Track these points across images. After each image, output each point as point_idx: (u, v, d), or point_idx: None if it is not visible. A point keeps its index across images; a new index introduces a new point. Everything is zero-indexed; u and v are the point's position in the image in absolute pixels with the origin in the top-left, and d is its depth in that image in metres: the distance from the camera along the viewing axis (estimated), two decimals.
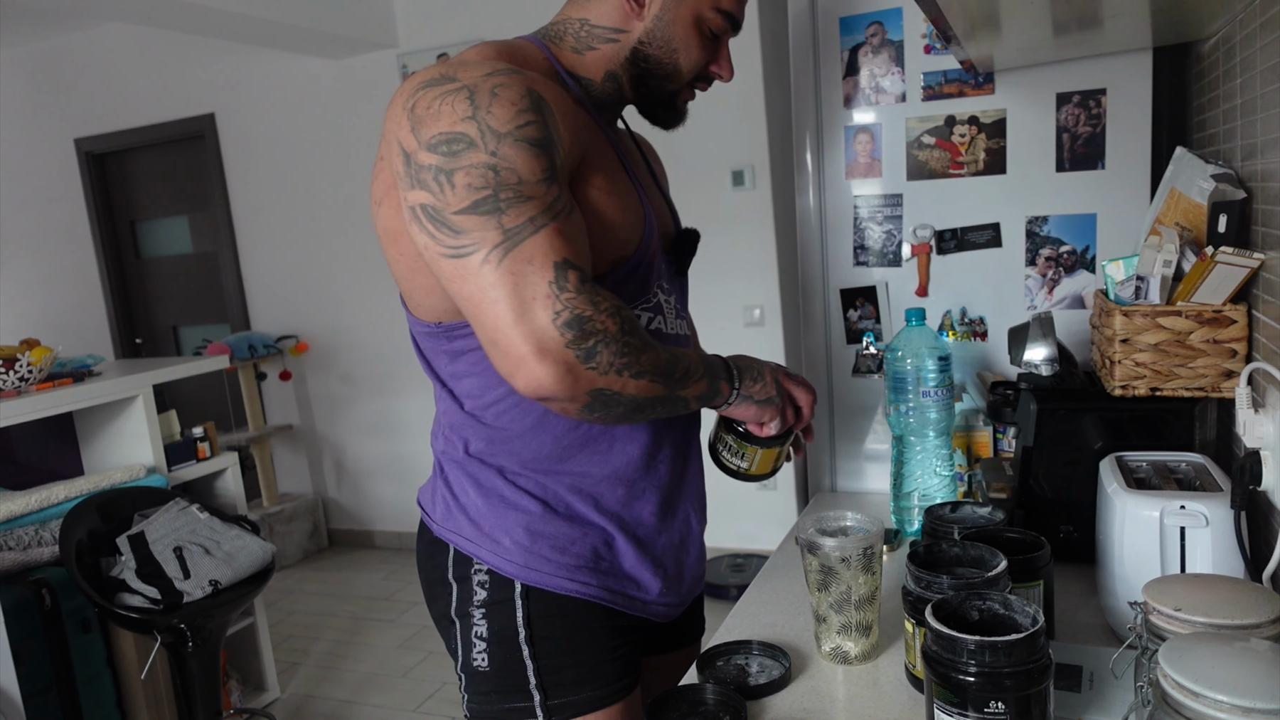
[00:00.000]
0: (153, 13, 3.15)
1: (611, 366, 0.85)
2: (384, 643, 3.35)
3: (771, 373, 1.06)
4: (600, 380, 0.86)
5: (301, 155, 4.22)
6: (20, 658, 2.03)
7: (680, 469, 1.10)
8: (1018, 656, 0.71)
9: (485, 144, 0.83)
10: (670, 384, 0.92)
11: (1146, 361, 1.10)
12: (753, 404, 1.03)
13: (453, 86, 0.85)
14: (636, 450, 1.04)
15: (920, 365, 1.29)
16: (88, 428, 2.62)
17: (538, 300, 0.82)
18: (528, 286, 0.82)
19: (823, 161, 1.63)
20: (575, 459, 1.02)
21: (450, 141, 0.83)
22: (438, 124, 0.84)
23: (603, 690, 1.03)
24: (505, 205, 0.83)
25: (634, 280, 0.99)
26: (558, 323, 0.82)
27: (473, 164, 0.83)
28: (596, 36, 1.01)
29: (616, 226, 0.96)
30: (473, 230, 0.83)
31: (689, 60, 1.02)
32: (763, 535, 3.57)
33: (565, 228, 0.85)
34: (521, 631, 1.01)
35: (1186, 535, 0.94)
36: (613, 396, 0.88)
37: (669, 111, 1.07)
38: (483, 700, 1.04)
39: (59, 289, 5.02)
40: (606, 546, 1.04)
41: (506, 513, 1.02)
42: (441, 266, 0.85)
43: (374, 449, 4.39)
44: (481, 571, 1.03)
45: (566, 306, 0.83)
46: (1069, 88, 1.47)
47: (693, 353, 0.98)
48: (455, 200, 0.83)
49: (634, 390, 0.88)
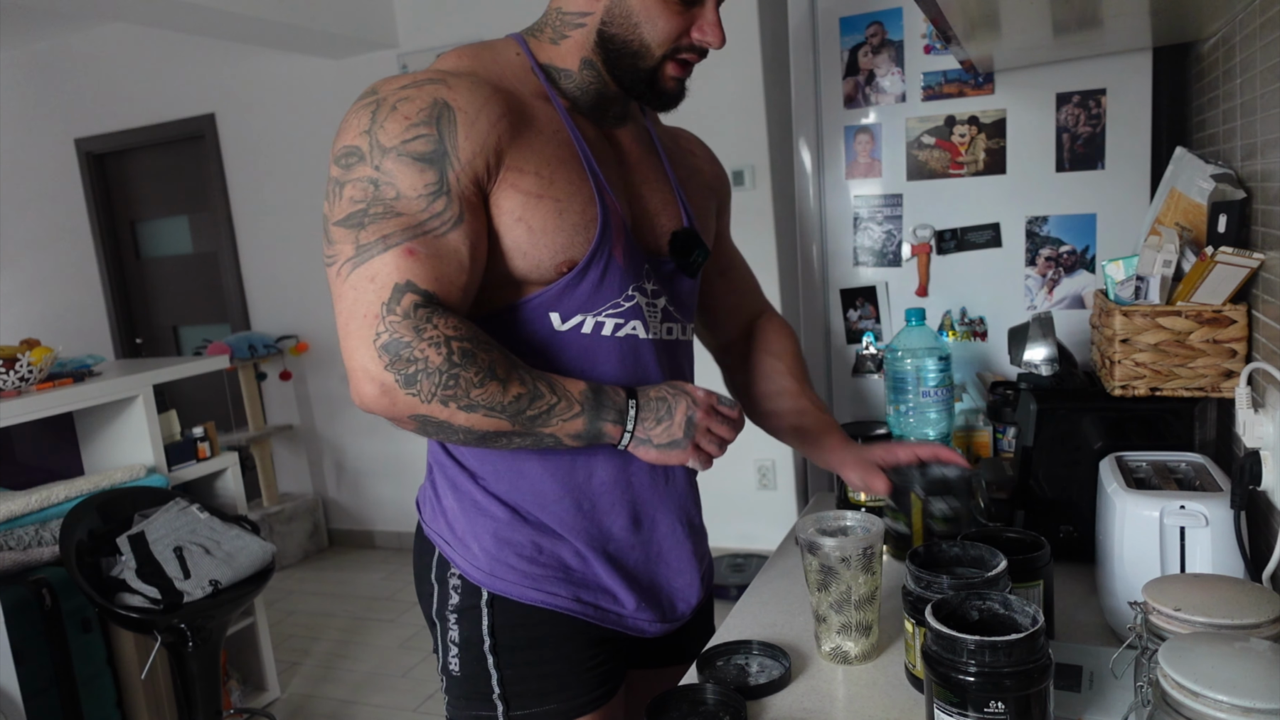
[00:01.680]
0: (153, 13, 3.15)
1: (434, 396, 0.85)
2: (384, 643, 3.35)
3: (686, 409, 0.95)
4: (422, 408, 0.85)
5: (301, 155, 4.22)
6: (20, 658, 2.03)
7: (658, 481, 1.05)
8: (1018, 656, 0.71)
9: (372, 158, 0.87)
10: (520, 420, 0.88)
11: (1146, 361, 1.11)
12: (653, 449, 0.95)
13: (366, 101, 0.90)
14: (600, 464, 1.01)
15: (920, 365, 1.29)
16: (88, 428, 2.62)
17: (367, 319, 0.85)
18: (362, 304, 0.85)
19: (823, 161, 1.63)
20: (534, 474, 1.00)
21: (347, 155, 0.88)
22: (345, 136, 0.89)
23: (569, 703, 1.01)
24: (369, 220, 0.86)
25: (599, 282, 0.96)
26: (376, 344, 0.84)
27: (359, 177, 0.87)
28: (567, 23, 0.98)
29: (549, 229, 0.92)
30: (337, 242, 0.87)
31: (654, 32, 0.95)
32: (763, 535, 3.57)
33: (424, 248, 0.86)
34: (486, 640, 1.00)
35: (1186, 535, 0.94)
36: (442, 424, 0.87)
37: (653, 91, 1.00)
38: (456, 705, 1.04)
39: (59, 289, 5.02)
40: (578, 557, 1.02)
41: (477, 518, 1.01)
42: (328, 272, 0.89)
43: (374, 449, 4.38)
44: (455, 576, 1.02)
45: (388, 329, 0.84)
46: (1069, 88, 1.47)
47: (577, 387, 0.92)
48: (337, 211, 0.88)
49: (464, 422, 0.87)
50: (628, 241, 0.99)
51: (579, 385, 0.92)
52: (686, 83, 1.02)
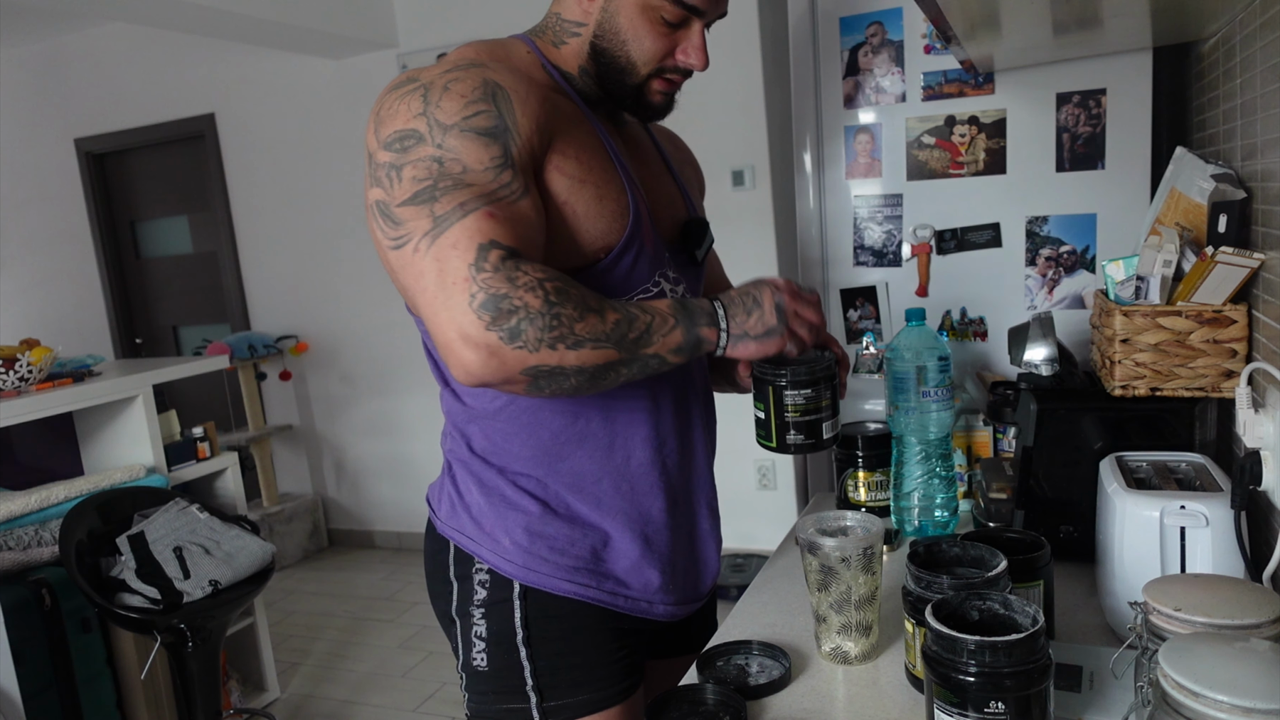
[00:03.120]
0: (153, 13, 3.15)
1: (541, 342, 0.82)
2: (384, 643, 3.35)
3: (772, 295, 0.96)
4: (533, 358, 0.82)
5: (301, 155, 4.22)
6: (20, 658, 2.03)
7: (688, 464, 1.09)
8: (1018, 656, 0.71)
9: (432, 137, 0.86)
10: (625, 346, 0.87)
11: (1146, 361, 1.10)
12: (752, 341, 0.95)
13: (411, 87, 0.89)
14: (639, 446, 1.03)
15: (920, 365, 1.29)
16: (88, 428, 2.62)
17: (457, 285, 0.81)
18: (449, 272, 0.82)
19: (823, 161, 1.63)
20: (574, 456, 1.02)
21: (403, 139, 0.86)
22: (394, 123, 0.87)
23: (601, 693, 1.03)
24: (440, 194, 0.84)
25: (630, 268, 0.99)
26: (474, 305, 0.81)
27: (419, 157, 0.85)
28: (566, 30, 1.01)
29: (591, 215, 0.95)
30: (408, 220, 0.84)
31: (640, 51, 0.97)
32: (763, 535, 3.57)
33: (501, 211, 0.85)
34: (519, 632, 1.01)
35: (1186, 535, 0.94)
36: (554, 371, 0.84)
37: (639, 105, 1.02)
38: (482, 700, 1.04)
39: (59, 289, 5.02)
40: (606, 547, 1.04)
41: (507, 513, 1.02)
42: (389, 259, 0.87)
43: (374, 449, 4.39)
44: (482, 571, 1.03)
45: (482, 288, 0.81)
46: (1069, 88, 1.47)
47: (664, 304, 0.92)
48: (400, 193, 0.85)
49: (576, 361, 0.85)
50: (653, 230, 1.02)
51: (664, 302, 0.93)
52: (676, 96, 1.04)
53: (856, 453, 1.34)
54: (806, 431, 0.99)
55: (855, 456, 1.34)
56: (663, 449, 1.05)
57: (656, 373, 0.93)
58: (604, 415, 1.02)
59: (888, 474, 1.34)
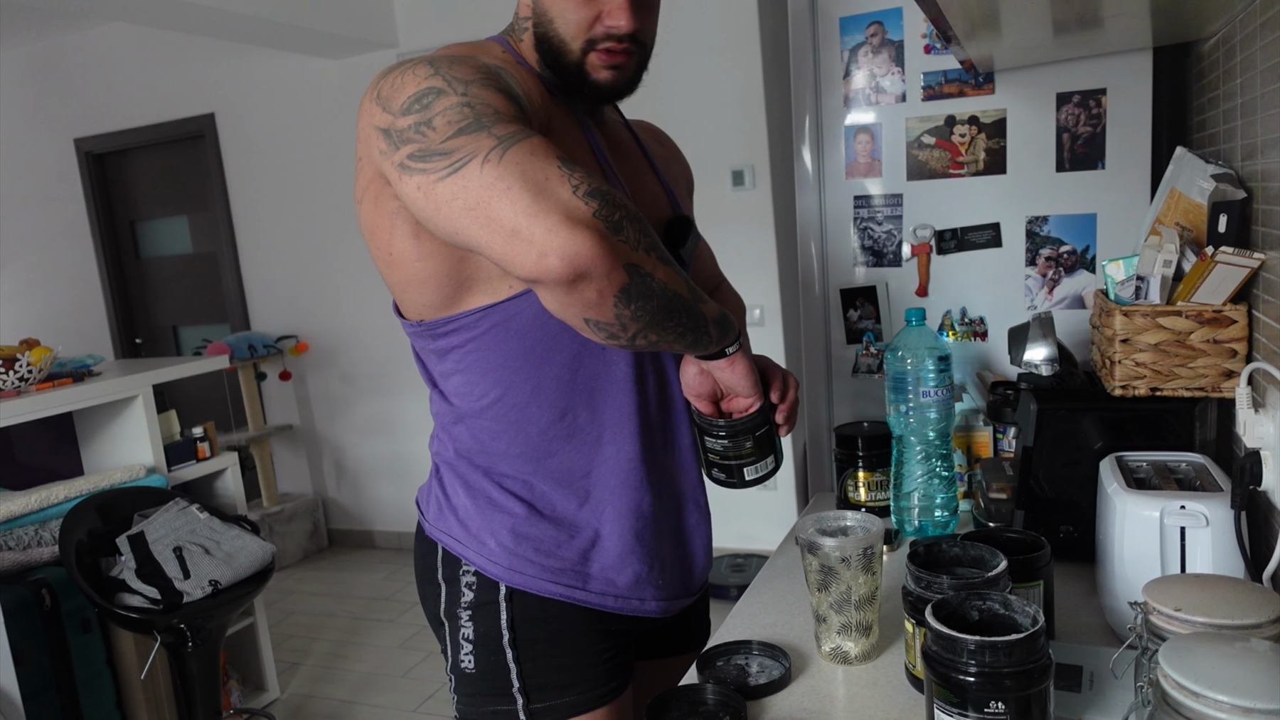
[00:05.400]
0: (153, 13, 3.15)
1: (640, 244, 0.79)
2: (384, 643, 3.35)
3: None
4: (634, 255, 0.79)
5: (301, 155, 4.22)
6: (20, 658, 2.03)
7: (673, 460, 1.09)
8: (1018, 656, 0.71)
9: (454, 89, 0.83)
10: (690, 290, 0.86)
11: (1146, 361, 1.10)
12: (746, 359, 0.98)
13: (410, 63, 0.88)
14: (626, 441, 1.03)
15: (920, 365, 1.29)
16: (88, 428, 2.62)
17: (551, 179, 0.76)
18: (538, 169, 0.77)
19: (823, 161, 1.63)
20: (561, 452, 1.01)
21: (421, 97, 0.83)
22: (405, 91, 0.84)
23: (588, 694, 1.03)
24: (490, 123, 0.80)
25: None
26: (579, 193, 0.76)
27: (448, 105, 0.82)
28: (520, 28, 1.02)
29: None
30: (465, 145, 0.79)
31: (566, 25, 0.96)
32: (763, 535, 3.57)
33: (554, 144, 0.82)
34: (505, 634, 1.01)
35: (1186, 535, 0.94)
36: (647, 278, 0.80)
37: (586, 85, 0.99)
38: (470, 702, 1.04)
39: (59, 289, 5.02)
40: (594, 546, 1.03)
41: (493, 515, 1.02)
42: (438, 194, 0.79)
43: (374, 449, 4.39)
44: (469, 573, 1.03)
45: (583, 182, 0.77)
46: (1069, 88, 1.47)
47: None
48: (440, 135, 0.80)
49: (663, 277, 0.82)
50: None
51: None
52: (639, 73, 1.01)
53: (856, 453, 1.34)
54: (728, 473, 1.05)
55: (855, 456, 1.35)
56: (650, 444, 1.05)
57: (693, 344, 0.90)
58: (591, 410, 1.01)
59: (888, 474, 1.34)
